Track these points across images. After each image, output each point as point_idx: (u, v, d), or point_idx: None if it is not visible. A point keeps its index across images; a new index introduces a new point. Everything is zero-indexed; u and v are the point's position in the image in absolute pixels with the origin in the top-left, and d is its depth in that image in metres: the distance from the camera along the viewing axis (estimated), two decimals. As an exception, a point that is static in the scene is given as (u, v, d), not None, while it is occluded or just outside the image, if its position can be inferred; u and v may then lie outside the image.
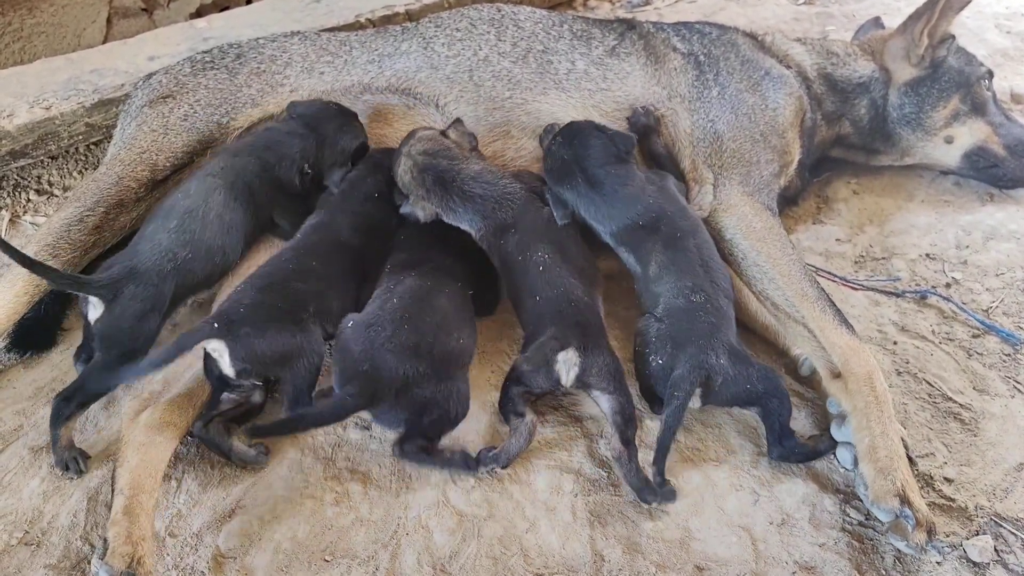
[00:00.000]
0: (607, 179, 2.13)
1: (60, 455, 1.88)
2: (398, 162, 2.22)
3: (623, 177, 2.14)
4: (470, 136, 2.30)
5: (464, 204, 2.12)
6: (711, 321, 1.95)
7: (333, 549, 1.76)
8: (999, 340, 2.28)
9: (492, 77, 2.46)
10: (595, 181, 2.14)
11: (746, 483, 1.91)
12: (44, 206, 2.71)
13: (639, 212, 2.10)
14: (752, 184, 2.30)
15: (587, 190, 2.14)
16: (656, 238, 2.07)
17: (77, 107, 2.59)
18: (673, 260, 2.05)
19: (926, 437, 2.03)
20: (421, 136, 2.24)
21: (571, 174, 2.17)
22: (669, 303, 1.97)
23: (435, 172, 2.16)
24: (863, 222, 2.72)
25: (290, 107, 2.34)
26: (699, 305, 1.96)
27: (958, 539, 1.80)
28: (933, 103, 2.67)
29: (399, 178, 2.22)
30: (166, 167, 2.29)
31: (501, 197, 2.11)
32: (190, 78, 2.45)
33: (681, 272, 2.03)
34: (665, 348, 1.92)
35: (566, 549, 1.77)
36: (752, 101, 2.41)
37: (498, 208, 2.10)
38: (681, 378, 1.86)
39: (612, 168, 2.14)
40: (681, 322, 1.93)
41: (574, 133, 2.24)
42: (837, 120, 2.69)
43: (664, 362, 1.91)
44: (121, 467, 1.76)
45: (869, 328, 2.32)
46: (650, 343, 1.94)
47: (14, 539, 1.77)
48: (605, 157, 2.16)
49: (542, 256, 2.01)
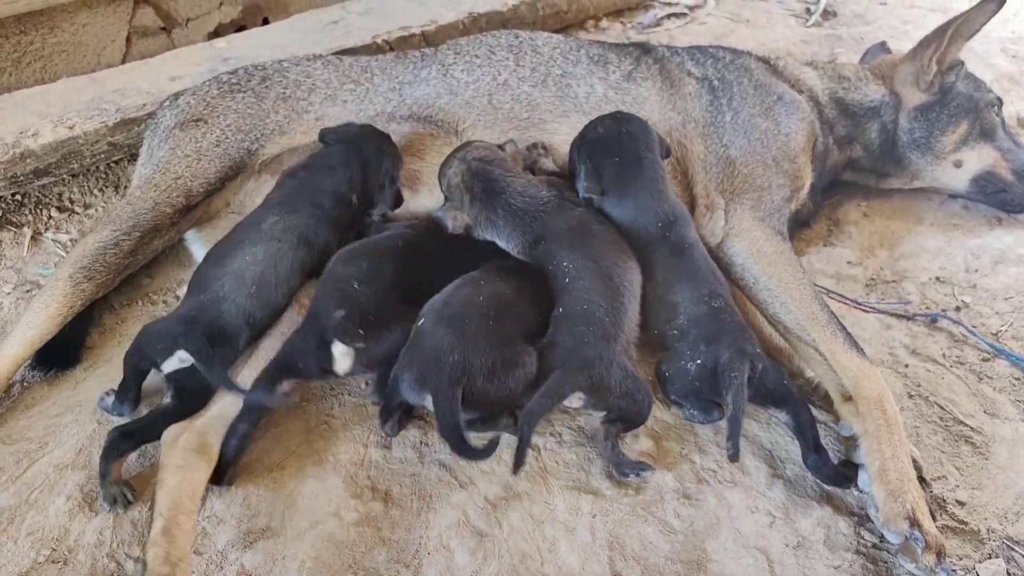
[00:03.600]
0: (650, 165, 2.19)
1: (108, 490, 1.89)
2: (450, 165, 2.26)
3: (660, 171, 2.21)
4: (524, 154, 2.36)
5: (506, 218, 2.16)
6: (737, 320, 2.04)
7: (356, 568, 1.79)
8: (1009, 364, 2.31)
9: (511, 100, 2.51)
10: (639, 162, 2.19)
11: (762, 505, 1.94)
12: (65, 223, 2.74)
13: (658, 214, 2.15)
14: (764, 209, 2.34)
15: (626, 171, 2.18)
16: (664, 245, 2.12)
17: (100, 126, 2.63)
18: (685, 269, 2.11)
19: (938, 460, 2.06)
20: (478, 145, 2.30)
21: (621, 149, 2.21)
22: (691, 311, 2.03)
23: (486, 181, 2.20)
24: (873, 245, 2.76)
25: (322, 135, 2.37)
26: (721, 308, 2.03)
27: (971, 562, 1.83)
28: (943, 128, 2.71)
29: (446, 181, 2.26)
30: (200, 193, 2.33)
31: (537, 210, 2.16)
32: (219, 100, 2.50)
33: (697, 280, 2.09)
34: (699, 349, 1.98)
35: (585, 570, 1.80)
36: (765, 126, 2.45)
37: (534, 221, 2.15)
38: (730, 360, 1.92)
39: (654, 157, 2.21)
40: (709, 325, 1.99)
41: (628, 117, 2.30)
42: (849, 144, 2.73)
43: (703, 361, 1.96)
44: (160, 490, 1.79)
45: (880, 351, 2.36)
46: (683, 354, 1.99)
47: (42, 556, 1.80)
48: (652, 144, 2.24)
49: (568, 266, 2.03)
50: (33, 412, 2.12)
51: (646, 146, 2.22)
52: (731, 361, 1.90)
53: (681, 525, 1.89)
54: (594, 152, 2.23)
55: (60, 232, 2.71)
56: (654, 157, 2.22)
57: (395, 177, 2.38)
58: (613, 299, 1.98)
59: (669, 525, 1.89)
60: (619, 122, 2.26)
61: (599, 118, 2.31)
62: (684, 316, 2.03)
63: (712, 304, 2.02)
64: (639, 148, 2.21)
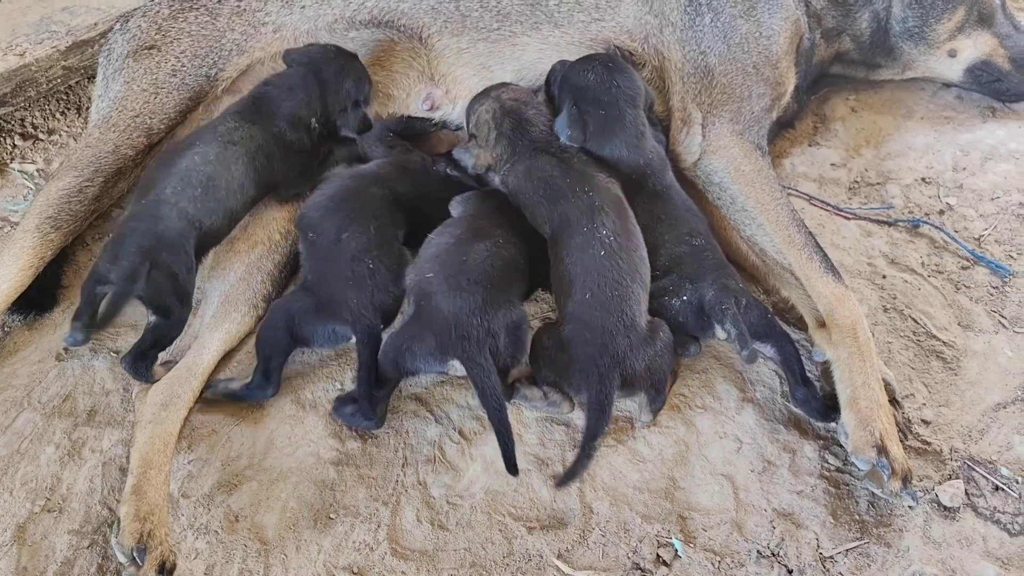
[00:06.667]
0: (632, 121, 2.13)
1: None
2: (482, 102, 2.19)
3: (642, 127, 2.15)
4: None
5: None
6: (718, 257, 2.04)
7: (337, 507, 1.87)
8: (987, 272, 2.29)
9: (480, 7, 2.38)
10: (622, 117, 2.13)
11: (730, 430, 1.98)
12: (31, 152, 2.68)
13: (637, 165, 2.11)
14: (743, 121, 2.25)
15: (609, 124, 2.13)
16: (643, 192, 2.09)
17: (52, 51, 2.52)
18: (664, 210, 2.08)
19: (907, 377, 2.08)
20: (515, 88, 2.24)
21: (608, 103, 2.15)
22: (672, 252, 2.02)
23: (517, 118, 2.13)
24: (859, 143, 2.67)
25: (285, 57, 2.27)
26: (702, 247, 2.03)
27: (931, 483, 1.88)
28: (938, 15, 2.56)
29: (475, 117, 2.19)
30: (161, 130, 2.26)
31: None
32: (171, 23, 2.37)
33: (675, 221, 2.07)
34: (684, 287, 1.98)
35: (557, 502, 1.87)
36: (746, 28, 2.31)
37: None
38: (717, 296, 1.93)
39: (639, 114, 2.15)
40: (691, 264, 1.99)
41: (620, 67, 2.22)
42: (837, 37, 2.59)
43: (688, 297, 1.97)
44: (133, 447, 1.85)
45: (859, 261, 2.34)
46: (668, 291, 1.99)
47: (37, 506, 1.88)
48: (638, 100, 2.17)
49: (607, 235, 1.92)
50: (16, 359, 2.15)
51: (631, 101, 2.15)
52: (718, 297, 1.92)
53: (651, 453, 1.95)
54: (580, 98, 2.15)
55: (26, 162, 2.66)
56: (637, 112, 2.15)
57: (360, 100, 2.29)
58: (629, 268, 1.92)
59: (639, 454, 1.95)
60: (611, 72, 2.16)
61: (589, 60, 2.20)
62: (665, 257, 2.02)
63: (693, 243, 2.02)
64: (624, 103, 2.13)
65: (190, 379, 1.97)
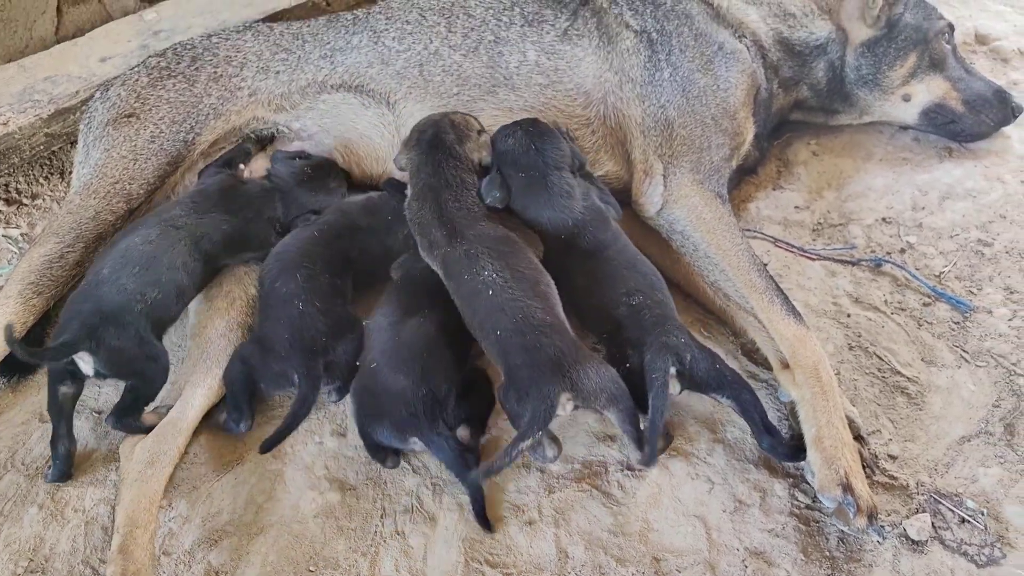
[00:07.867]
0: (555, 183, 2.18)
1: None
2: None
3: (568, 189, 2.19)
4: None
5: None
6: (658, 313, 2.03)
7: (316, 559, 1.89)
8: (949, 308, 2.36)
9: (442, 72, 2.46)
10: (543, 179, 2.19)
11: (702, 471, 2.02)
12: (15, 216, 2.74)
13: (565, 225, 2.17)
14: (703, 171, 2.33)
15: (531, 187, 2.19)
16: (575, 252, 2.14)
17: (35, 119, 2.60)
18: (600, 270, 2.12)
19: (873, 414, 2.13)
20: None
21: (528, 166, 2.21)
22: (612, 314, 2.04)
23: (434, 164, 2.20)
24: (822, 186, 2.76)
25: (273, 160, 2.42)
26: (640, 306, 2.03)
27: (899, 517, 1.92)
28: (890, 63, 2.66)
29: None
30: (140, 195, 2.33)
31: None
32: (149, 91, 2.45)
33: (612, 280, 2.10)
34: (627, 353, 1.99)
35: (533, 548, 1.90)
36: (704, 82, 2.40)
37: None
38: (653, 360, 1.91)
39: (564, 176, 2.20)
40: (631, 327, 2.01)
41: (544, 131, 2.28)
42: (795, 86, 2.69)
43: (631, 365, 1.97)
44: (118, 505, 1.88)
45: (824, 301, 2.40)
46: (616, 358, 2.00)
47: (20, 568, 1.90)
48: (563, 163, 2.22)
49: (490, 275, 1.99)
50: (0, 421, 2.19)
51: (555, 164, 2.20)
52: (652, 361, 1.90)
53: (624, 497, 1.98)
54: (502, 162, 2.23)
55: (10, 227, 2.71)
56: (561, 175, 2.20)
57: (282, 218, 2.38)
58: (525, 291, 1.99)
59: (613, 497, 1.98)
60: (530, 137, 2.22)
61: (513, 127, 2.27)
62: (608, 320, 2.05)
63: (631, 303, 2.02)
64: (546, 167, 2.19)
65: (175, 435, 2.00)
